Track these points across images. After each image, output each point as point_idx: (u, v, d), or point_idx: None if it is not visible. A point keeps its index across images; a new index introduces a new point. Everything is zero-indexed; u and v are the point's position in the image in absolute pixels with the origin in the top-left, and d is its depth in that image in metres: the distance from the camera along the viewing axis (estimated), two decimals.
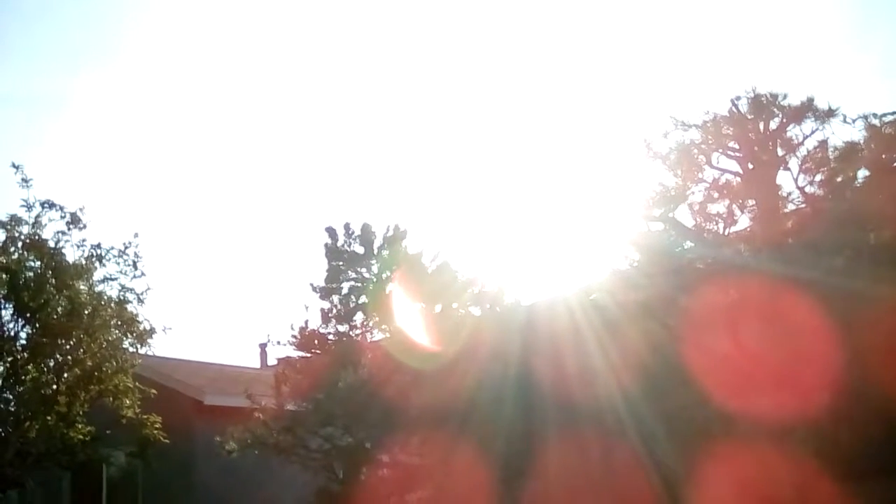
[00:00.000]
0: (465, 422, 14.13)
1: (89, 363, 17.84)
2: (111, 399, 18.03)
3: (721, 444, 11.61)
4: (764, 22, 24.18)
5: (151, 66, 30.21)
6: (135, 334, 18.50)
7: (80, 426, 17.84)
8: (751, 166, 13.28)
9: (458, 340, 15.27)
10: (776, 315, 11.80)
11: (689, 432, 12.12)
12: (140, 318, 18.51)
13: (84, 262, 17.99)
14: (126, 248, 18.33)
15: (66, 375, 17.82)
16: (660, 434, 12.91)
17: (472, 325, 16.19)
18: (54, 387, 17.72)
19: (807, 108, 12.87)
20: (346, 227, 17.65)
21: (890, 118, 12.68)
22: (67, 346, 17.95)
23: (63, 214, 17.81)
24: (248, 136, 35.10)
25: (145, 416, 18.40)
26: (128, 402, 18.11)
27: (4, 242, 17.57)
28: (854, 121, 12.78)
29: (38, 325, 17.52)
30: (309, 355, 17.28)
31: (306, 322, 17.33)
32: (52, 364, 17.95)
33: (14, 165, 17.43)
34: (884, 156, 12.72)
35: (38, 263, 17.77)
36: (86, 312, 17.76)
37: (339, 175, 34.65)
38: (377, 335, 17.30)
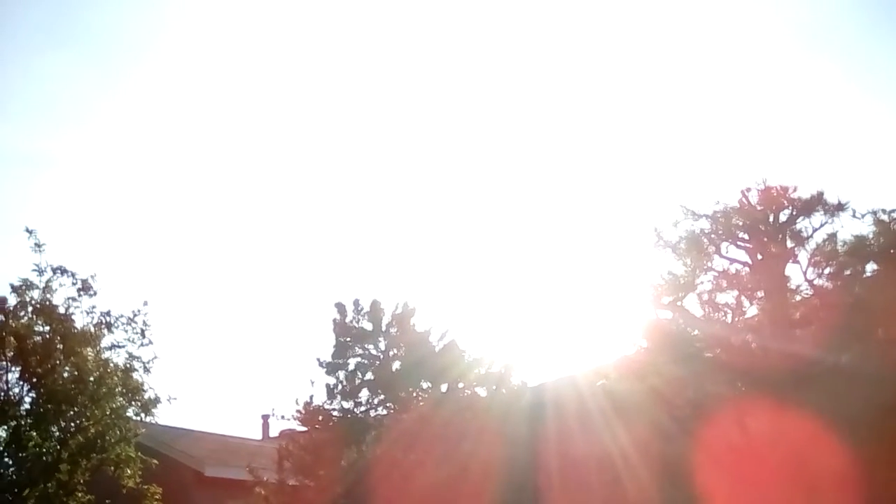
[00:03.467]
0: None
1: (92, 431, 17.69)
2: (113, 468, 17.86)
3: None
4: (774, 114, 24.52)
5: (158, 128, 30.25)
6: (140, 403, 18.38)
7: (80, 495, 17.56)
8: (760, 257, 13.39)
9: (464, 421, 15.22)
10: (783, 408, 11.78)
11: None
12: (145, 387, 18.43)
13: (93, 328, 17.97)
14: (135, 315, 18.25)
15: (69, 443, 17.69)
16: None
17: (478, 406, 16.13)
18: (56, 454, 17.57)
19: (817, 202, 13.05)
20: (356, 303, 17.65)
21: None
22: (71, 413, 17.84)
23: (74, 281, 17.84)
24: (262, 204, 35.22)
25: (146, 487, 18.15)
26: (129, 471, 17.88)
27: (15, 307, 17.57)
28: (863, 215, 12.97)
29: (43, 391, 17.43)
30: (312, 430, 17.17)
31: (311, 397, 17.20)
32: (55, 431, 17.83)
33: (28, 230, 17.50)
34: (892, 250, 12.84)
35: (47, 328, 17.76)
36: (91, 379, 17.68)
37: (350, 250, 34.66)
38: (382, 413, 17.21)
